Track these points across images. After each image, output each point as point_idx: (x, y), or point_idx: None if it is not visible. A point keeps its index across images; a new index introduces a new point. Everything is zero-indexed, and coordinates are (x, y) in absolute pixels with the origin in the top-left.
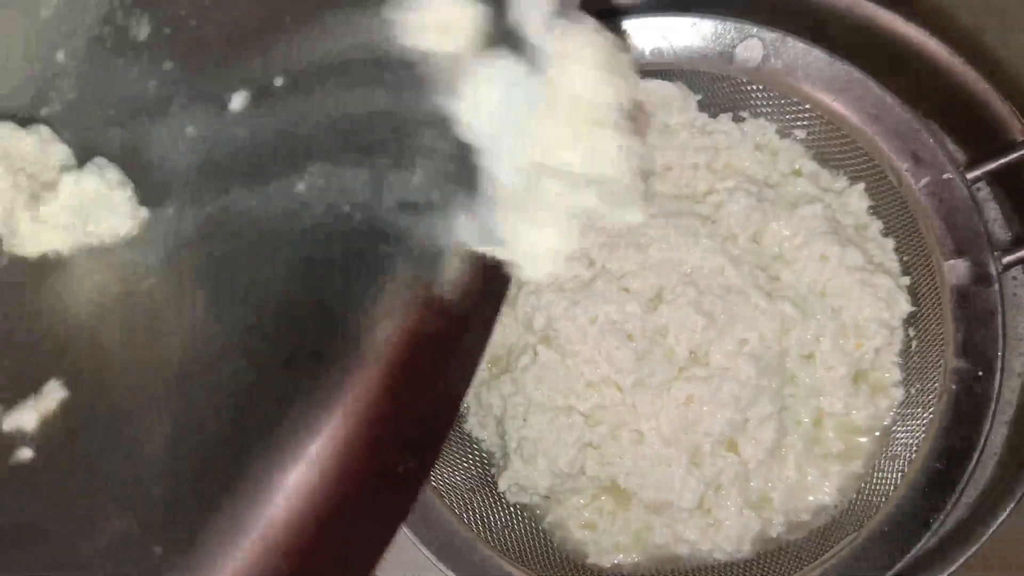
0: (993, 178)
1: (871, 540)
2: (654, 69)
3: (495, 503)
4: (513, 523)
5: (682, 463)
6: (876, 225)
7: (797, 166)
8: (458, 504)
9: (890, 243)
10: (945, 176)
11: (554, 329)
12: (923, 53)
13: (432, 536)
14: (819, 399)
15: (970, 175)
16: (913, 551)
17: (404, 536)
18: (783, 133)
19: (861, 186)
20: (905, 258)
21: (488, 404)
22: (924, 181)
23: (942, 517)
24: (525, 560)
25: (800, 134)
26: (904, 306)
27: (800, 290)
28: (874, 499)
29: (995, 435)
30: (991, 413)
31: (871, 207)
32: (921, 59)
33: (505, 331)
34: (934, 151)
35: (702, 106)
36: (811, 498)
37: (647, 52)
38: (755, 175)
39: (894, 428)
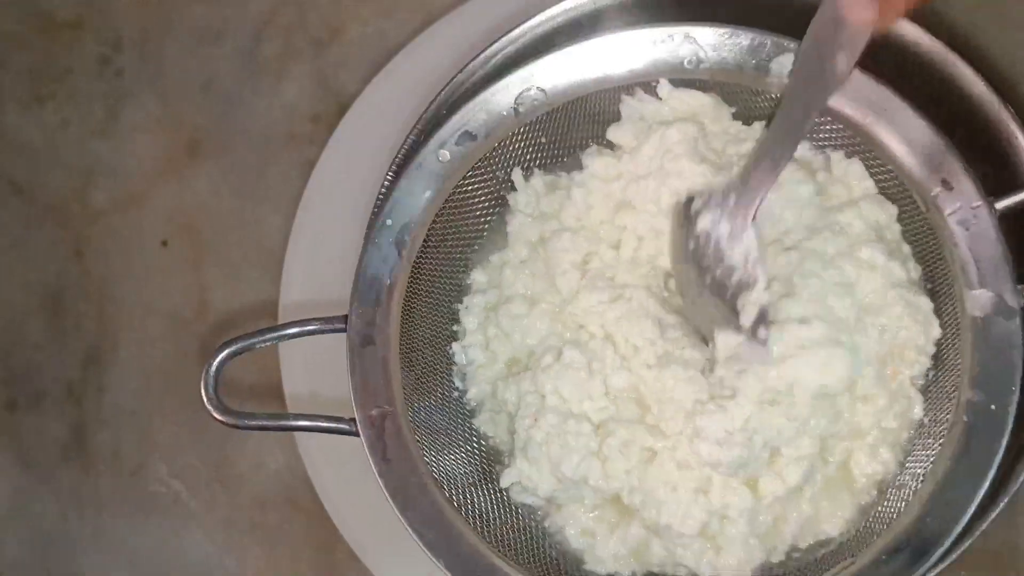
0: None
1: (867, 568)
2: (690, 78)
3: (496, 500)
4: (512, 520)
5: (689, 489)
6: (906, 249)
7: (833, 183)
8: (457, 497)
9: (918, 269)
10: (974, 205)
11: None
12: (961, 85)
13: (428, 528)
14: (853, 439)
15: (999, 205)
16: None
17: (400, 526)
18: (817, 150)
19: (895, 209)
20: (928, 285)
21: (503, 400)
22: (953, 209)
23: (940, 552)
24: (520, 559)
25: (833, 153)
26: (936, 331)
27: (843, 307)
28: (876, 526)
29: None
30: (1001, 448)
31: (902, 231)
32: (955, 90)
33: (529, 334)
34: (964, 179)
35: (736, 118)
36: (822, 529)
37: (684, 62)
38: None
39: (906, 458)
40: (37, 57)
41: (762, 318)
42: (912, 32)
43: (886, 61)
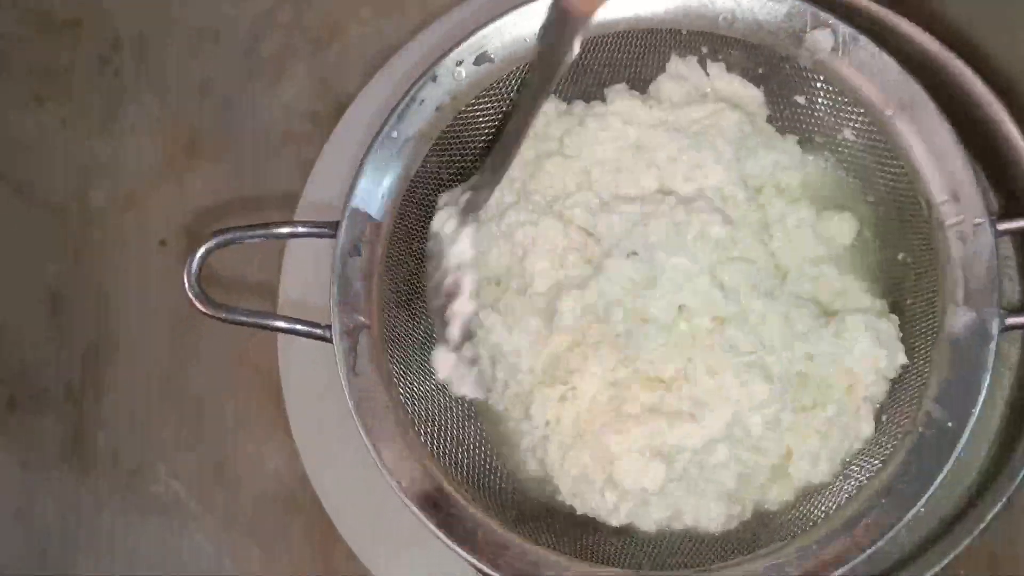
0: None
1: (793, 554)
2: (724, 35)
3: (457, 424)
4: (469, 444)
5: (602, 476)
6: (872, 259)
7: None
8: (421, 417)
9: (878, 289)
10: (976, 221)
11: None
12: (961, 85)
13: (387, 447)
14: (792, 436)
15: (1001, 226)
16: None
17: (399, 525)
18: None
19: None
20: (909, 301)
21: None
22: (955, 220)
23: (856, 560)
24: (471, 485)
25: (848, 135)
26: (900, 358)
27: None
28: (813, 512)
29: (988, 422)
30: (947, 466)
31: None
32: (954, 89)
33: (500, 261)
34: (974, 193)
35: (760, 80)
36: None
37: (720, 18)
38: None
39: (855, 454)
40: (37, 57)
41: (467, 334)
42: (912, 32)
43: None
